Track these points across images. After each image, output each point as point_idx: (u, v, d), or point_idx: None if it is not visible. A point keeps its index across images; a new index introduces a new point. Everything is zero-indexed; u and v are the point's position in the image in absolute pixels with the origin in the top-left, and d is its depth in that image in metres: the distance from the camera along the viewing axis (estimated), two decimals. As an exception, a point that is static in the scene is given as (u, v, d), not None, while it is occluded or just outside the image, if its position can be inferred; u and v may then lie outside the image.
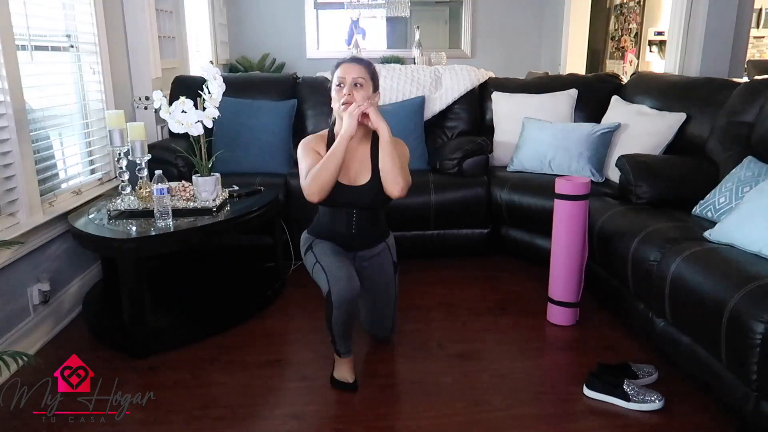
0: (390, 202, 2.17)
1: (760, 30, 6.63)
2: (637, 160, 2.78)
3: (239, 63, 5.90)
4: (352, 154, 2.12)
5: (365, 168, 2.15)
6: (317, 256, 2.12)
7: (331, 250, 2.14)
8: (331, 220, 2.19)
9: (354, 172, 2.14)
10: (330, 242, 2.19)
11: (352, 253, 2.22)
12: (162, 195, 2.41)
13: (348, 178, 2.13)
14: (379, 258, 2.27)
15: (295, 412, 2.02)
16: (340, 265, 2.04)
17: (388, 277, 2.29)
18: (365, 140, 2.17)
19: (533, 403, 2.06)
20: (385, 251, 2.29)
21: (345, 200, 2.13)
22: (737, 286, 1.77)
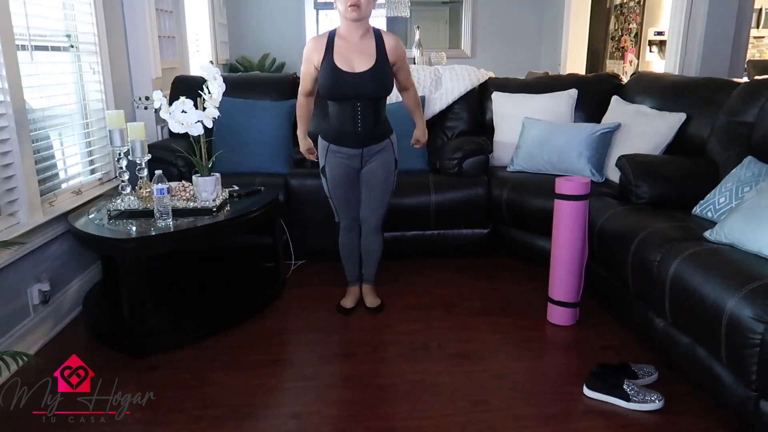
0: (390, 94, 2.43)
1: (760, 30, 6.63)
2: (637, 160, 2.78)
3: (239, 63, 5.90)
4: (353, 46, 2.35)
5: (368, 57, 2.35)
6: (329, 187, 2.57)
7: (341, 188, 2.54)
8: (339, 118, 2.43)
9: (356, 62, 2.34)
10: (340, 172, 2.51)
11: (359, 149, 2.46)
12: (162, 195, 2.41)
13: (350, 67, 2.33)
14: (384, 153, 2.51)
15: (295, 412, 2.02)
16: (345, 201, 2.58)
17: (389, 171, 2.55)
18: (367, 36, 2.38)
19: (533, 403, 2.06)
20: (388, 147, 2.52)
21: (348, 88, 2.33)
22: (737, 286, 1.77)
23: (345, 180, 2.53)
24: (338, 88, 2.34)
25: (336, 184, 2.54)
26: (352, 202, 2.59)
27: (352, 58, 2.34)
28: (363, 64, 2.34)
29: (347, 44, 2.36)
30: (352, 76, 2.32)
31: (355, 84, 2.33)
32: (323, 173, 2.57)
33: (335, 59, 2.34)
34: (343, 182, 2.53)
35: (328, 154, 2.51)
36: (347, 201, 2.58)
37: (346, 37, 2.37)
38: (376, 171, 2.52)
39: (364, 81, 2.33)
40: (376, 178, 2.53)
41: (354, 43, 2.35)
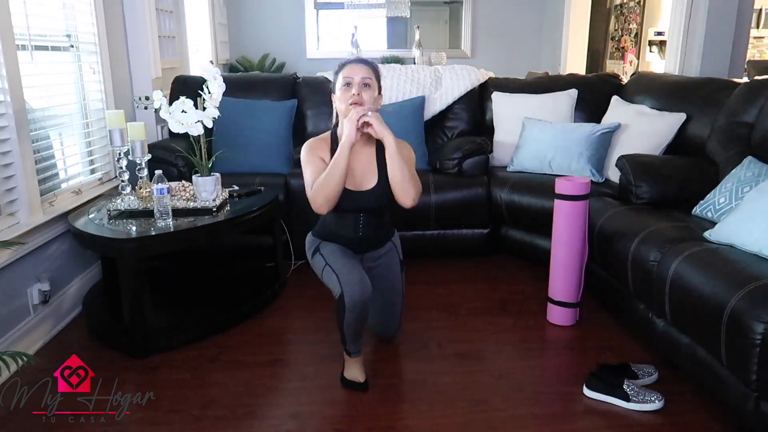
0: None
1: (760, 30, 6.63)
2: (637, 160, 2.78)
3: (239, 63, 5.90)
4: (357, 157, 2.11)
5: (371, 172, 2.14)
6: (326, 258, 2.11)
7: (341, 252, 2.13)
8: (338, 224, 2.18)
9: (360, 177, 2.13)
10: (339, 247, 2.18)
11: (360, 255, 2.23)
12: (162, 195, 2.41)
13: (354, 183, 2.11)
14: (386, 257, 2.29)
15: (295, 412, 2.02)
16: (351, 267, 2.04)
17: (395, 276, 2.30)
18: (369, 143, 2.15)
19: (533, 403, 2.06)
20: (392, 251, 2.31)
21: (351, 206, 2.12)
22: (737, 286, 1.77)
23: (346, 250, 2.16)
24: (342, 204, 2.08)
25: (336, 251, 2.13)
26: (357, 265, 2.08)
27: (356, 172, 2.11)
28: (366, 181, 2.12)
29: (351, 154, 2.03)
30: (356, 194, 2.10)
31: (360, 200, 2.11)
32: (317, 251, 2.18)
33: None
34: (343, 252, 2.13)
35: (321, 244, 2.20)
36: (354, 267, 2.05)
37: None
38: (382, 275, 2.25)
39: (369, 197, 2.12)
40: (382, 284, 2.24)
41: (355, 152, 2.07)
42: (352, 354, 2.12)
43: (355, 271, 2.02)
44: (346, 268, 2.04)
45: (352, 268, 2.04)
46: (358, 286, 1.98)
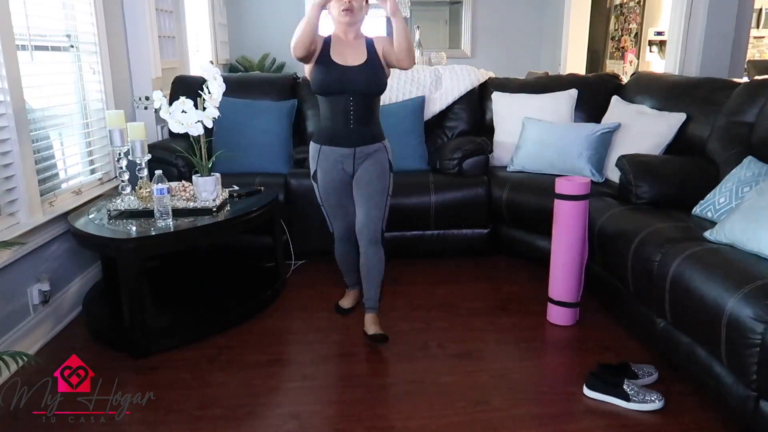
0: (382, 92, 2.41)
1: (760, 30, 6.63)
2: (637, 160, 2.78)
3: (239, 63, 5.90)
4: (347, 44, 2.39)
5: (360, 54, 2.37)
6: (321, 194, 2.51)
7: (333, 193, 2.47)
8: (331, 115, 2.39)
9: (350, 57, 2.36)
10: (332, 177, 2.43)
11: (352, 149, 2.39)
12: (162, 195, 2.41)
13: (343, 60, 2.35)
14: (377, 154, 2.43)
15: (295, 412, 2.02)
16: (337, 208, 2.52)
17: (383, 169, 2.44)
18: (359, 39, 2.42)
19: (533, 403, 2.06)
20: (381, 150, 2.45)
21: (341, 81, 2.32)
22: (737, 286, 1.77)
23: (338, 184, 2.46)
24: (332, 79, 2.33)
25: (328, 188, 2.47)
26: (347, 209, 2.51)
27: (346, 54, 2.37)
28: (356, 59, 2.36)
29: (341, 42, 2.39)
30: (346, 69, 2.34)
31: (348, 76, 2.33)
32: (314, 179, 2.50)
33: (331, 54, 2.36)
34: (335, 186, 2.46)
35: (320, 157, 2.44)
36: (341, 206, 2.51)
37: (341, 39, 2.40)
38: (369, 170, 2.42)
39: (356, 73, 2.34)
40: (369, 176, 2.42)
41: (348, 42, 2.39)
42: (348, 286, 2.79)
43: (339, 212, 2.52)
44: (335, 208, 2.52)
45: (338, 209, 2.52)
46: (342, 224, 2.54)
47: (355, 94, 2.35)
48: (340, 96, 2.35)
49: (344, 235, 2.57)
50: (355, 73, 2.34)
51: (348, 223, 2.53)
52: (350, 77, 2.33)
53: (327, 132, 2.43)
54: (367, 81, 2.35)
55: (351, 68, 2.34)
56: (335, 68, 2.34)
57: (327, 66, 2.34)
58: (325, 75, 2.34)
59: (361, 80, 2.34)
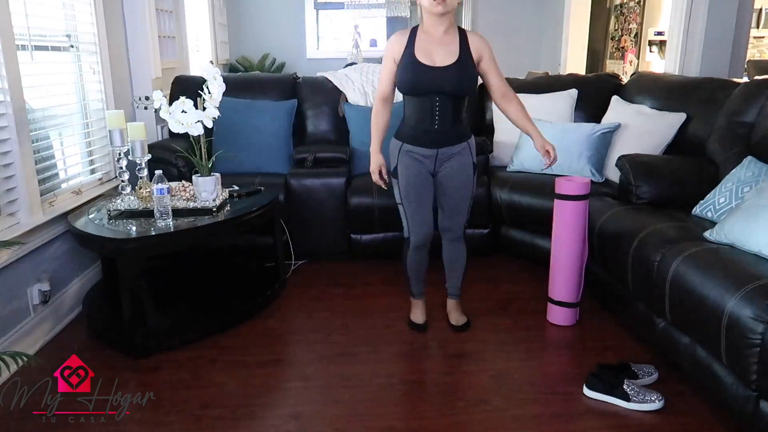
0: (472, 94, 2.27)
1: (760, 30, 6.63)
2: (637, 160, 2.78)
3: (239, 63, 5.90)
4: (436, 41, 2.23)
5: (451, 52, 2.22)
6: (401, 192, 2.35)
7: (414, 190, 2.33)
8: (416, 115, 2.27)
9: (438, 57, 2.21)
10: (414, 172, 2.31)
11: (435, 149, 2.29)
12: (162, 195, 2.41)
13: (431, 60, 2.21)
14: (460, 157, 2.33)
15: (295, 412, 2.02)
16: (418, 209, 2.35)
17: (467, 175, 2.36)
18: (450, 32, 2.25)
19: (533, 403, 2.06)
20: (465, 150, 2.34)
21: (427, 83, 2.20)
22: (737, 286, 1.77)
23: (419, 181, 2.32)
24: (417, 81, 2.21)
25: (410, 185, 2.32)
26: (426, 211, 2.37)
27: (434, 52, 2.21)
28: (445, 59, 2.21)
29: (430, 39, 2.23)
30: (433, 70, 2.20)
31: (434, 78, 2.19)
32: (395, 175, 2.36)
33: (416, 52, 2.22)
34: (417, 183, 2.32)
35: (401, 153, 2.32)
36: (420, 206, 2.35)
37: (429, 32, 2.24)
38: (453, 176, 2.33)
39: (444, 75, 2.19)
40: (454, 183, 2.34)
41: (437, 38, 2.23)
42: (415, 295, 2.58)
43: (420, 214, 2.36)
44: (414, 210, 2.35)
45: (418, 210, 2.35)
46: (420, 228, 2.38)
47: (441, 94, 2.22)
48: (426, 96, 2.23)
49: (423, 242, 2.41)
50: (443, 74, 2.20)
51: (427, 229, 2.40)
52: (438, 79, 2.19)
53: (410, 130, 2.31)
54: (457, 83, 2.21)
55: (439, 69, 2.20)
56: (422, 69, 2.20)
57: (412, 67, 2.21)
58: (410, 76, 2.21)
59: (450, 82, 2.20)
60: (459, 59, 2.21)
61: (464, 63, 2.21)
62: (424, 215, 2.37)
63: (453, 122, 2.28)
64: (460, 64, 2.21)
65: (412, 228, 2.39)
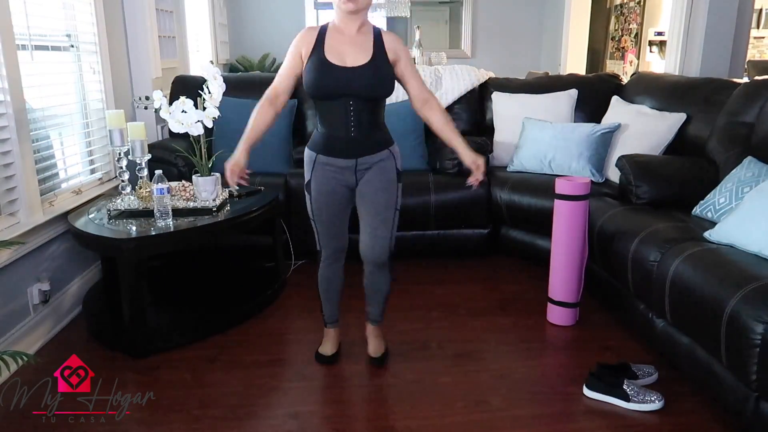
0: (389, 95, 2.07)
1: (760, 30, 6.63)
2: (637, 161, 2.78)
3: (239, 63, 5.90)
4: (347, 40, 2.03)
5: (363, 51, 2.02)
6: (313, 211, 2.17)
7: (326, 209, 2.13)
8: (329, 121, 2.06)
9: (349, 56, 2.01)
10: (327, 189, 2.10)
11: (353, 160, 2.06)
12: (162, 195, 2.41)
13: (341, 60, 2.00)
14: (381, 165, 2.09)
15: (295, 412, 2.02)
16: (330, 227, 2.17)
17: (389, 181, 2.11)
18: (364, 31, 2.05)
19: (533, 403, 2.06)
20: (388, 159, 2.10)
21: (338, 85, 1.99)
22: (737, 286, 1.77)
23: (332, 199, 2.11)
24: (327, 83, 1.99)
25: (321, 203, 2.12)
26: (338, 228, 2.17)
27: (345, 52, 2.01)
28: (357, 59, 2.00)
29: (342, 38, 2.03)
30: (344, 71, 1.98)
31: (346, 79, 1.98)
32: (307, 189, 2.15)
33: (326, 52, 2.00)
34: (329, 201, 2.11)
35: (315, 166, 2.10)
36: (332, 225, 2.16)
37: (341, 30, 2.04)
38: (372, 182, 2.09)
39: (357, 76, 1.98)
40: (373, 189, 2.09)
41: (350, 37, 2.03)
42: (326, 323, 2.36)
43: (331, 231, 2.18)
44: (326, 226, 2.17)
45: (330, 228, 2.17)
46: (332, 243, 2.20)
47: (356, 98, 2.00)
48: (338, 100, 2.01)
49: (333, 255, 2.22)
50: (355, 75, 1.98)
51: (340, 244, 2.21)
52: (349, 80, 1.98)
53: (324, 140, 2.09)
54: (371, 84, 2.00)
55: (350, 69, 1.99)
56: (331, 70, 1.98)
57: (320, 67, 1.99)
58: (318, 77, 2.00)
59: (363, 84, 1.99)
60: (372, 59, 2.00)
61: (378, 63, 2.01)
62: (336, 232, 2.18)
63: (371, 128, 2.06)
64: (373, 63, 2.00)
65: (322, 242, 2.20)
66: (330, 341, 2.36)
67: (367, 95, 2.02)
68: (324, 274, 2.27)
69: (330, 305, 2.32)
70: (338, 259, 2.24)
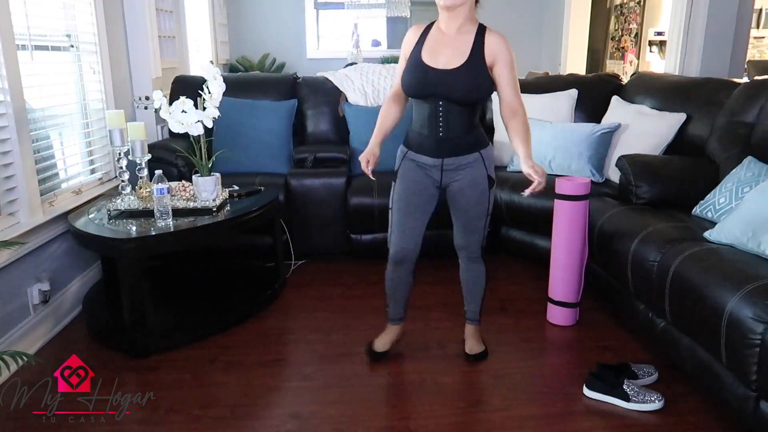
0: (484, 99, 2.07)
1: (760, 30, 6.63)
2: (637, 160, 2.78)
3: (239, 63, 5.90)
4: (446, 40, 2.02)
5: (459, 53, 1.99)
6: (394, 199, 2.16)
7: (407, 198, 2.13)
8: (420, 120, 2.08)
9: (444, 58, 1.99)
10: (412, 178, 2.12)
11: (439, 159, 2.07)
12: (162, 195, 2.41)
13: (435, 61, 2.00)
14: (471, 169, 2.08)
15: (295, 412, 2.02)
16: (406, 218, 2.14)
17: (481, 191, 2.10)
18: (465, 30, 2.02)
19: (533, 403, 2.06)
20: (478, 162, 2.08)
21: (429, 87, 1.99)
22: (737, 286, 1.77)
23: (416, 188, 2.11)
24: (418, 84, 2.01)
25: (404, 191, 2.12)
26: (413, 222, 2.15)
27: (441, 53, 1.99)
28: (451, 61, 1.98)
29: (441, 37, 2.02)
30: (436, 73, 1.97)
31: (437, 82, 1.97)
32: (394, 177, 2.18)
33: (423, 52, 2.01)
34: (412, 191, 2.12)
35: (404, 160, 2.14)
36: (409, 217, 2.14)
37: (442, 30, 2.03)
38: (465, 190, 2.10)
39: (448, 79, 1.96)
40: (466, 197, 2.11)
41: (449, 37, 2.01)
42: (389, 319, 2.36)
43: (407, 227, 2.15)
44: (401, 215, 2.14)
45: (406, 221, 2.14)
46: (404, 243, 2.16)
47: (446, 100, 1.99)
48: (428, 101, 2.02)
49: (402, 257, 2.19)
50: (448, 78, 1.97)
51: (411, 245, 2.17)
52: (440, 83, 1.97)
53: (415, 137, 2.11)
54: (463, 89, 1.97)
55: (443, 72, 1.97)
56: (424, 71, 1.99)
57: (415, 68, 2.01)
58: (411, 78, 2.02)
59: (454, 87, 1.97)
60: (468, 62, 1.97)
61: (473, 66, 1.97)
62: (411, 228, 2.15)
63: (461, 130, 2.05)
64: (468, 67, 1.97)
65: (393, 238, 2.18)
66: (388, 336, 2.36)
67: (457, 99, 2.00)
68: (392, 277, 2.28)
69: (395, 304, 2.33)
70: (404, 261, 2.21)
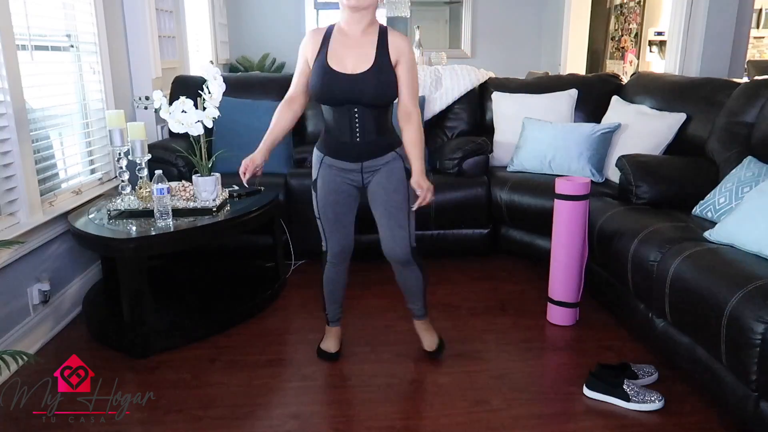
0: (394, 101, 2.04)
1: (760, 30, 6.62)
2: (637, 160, 2.78)
3: (239, 63, 5.90)
4: (351, 43, 1.99)
5: (365, 56, 1.97)
6: (319, 209, 2.18)
7: (332, 207, 2.14)
8: (335, 126, 2.05)
9: (351, 62, 1.97)
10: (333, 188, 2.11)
11: (358, 164, 2.07)
12: (162, 195, 2.41)
13: (343, 66, 1.97)
14: (389, 167, 2.08)
15: (295, 412, 2.02)
16: (336, 225, 2.17)
17: (398, 179, 2.08)
18: (370, 32, 2.00)
19: (533, 403, 2.06)
20: (395, 161, 2.08)
21: (341, 93, 1.97)
22: (737, 286, 1.77)
23: (339, 197, 2.12)
24: (329, 91, 1.97)
25: (326, 201, 2.13)
26: (344, 227, 2.18)
27: (347, 57, 1.97)
28: (358, 65, 1.96)
29: (345, 40, 1.99)
30: (345, 78, 1.95)
31: (348, 87, 1.95)
32: (314, 188, 2.17)
33: (328, 57, 1.98)
34: (336, 199, 2.13)
35: (322, 166, 2.12)
36: (338, 223, 2.16)
37: (345, 32, 2.00)
38: (383, 184, 2.08)
39: (358, 84, 1.95)
40: (384, 191, 2.09)
41: (353, 39, 1.99)
42: (329, 321, 2.37)
43: (337, 231, 2.18)
44: (331, 224, 2.17)
45: (336, 227, 2.17)
46: (339, 243, 2.20)
47: (360, 105, 1.98)
48: (342, 107, 2.00)
49: (338, 256, 2.22)
50: (357, 82, 1.95)
51: (345, 243, 2.20)
52: (352, 88, 1.95)
53: (331, 143, 2.09)
54: (373, 93, 1.96)
55: (352, 77, 1.95)
56: (332, 77, 1.96)
57: (322, 73, 1.97)
58: (321, 85, 1.98)
59: (366, 92, 1.95)
60: (375, 64, 1.95)
61: (381, 68, 1.96)
62: (344, 227, 2.18)
63: (378, 133, 2.04)
64: (376, 70, 1.95)
65: (330, 242, 2.19)
66: (333, 339, 2.38)
67: (370, 103, 1.99)
68: (329, 275, 2.28)
69: (334, 305, 2.34)
70: (343, 260, 2.25)
